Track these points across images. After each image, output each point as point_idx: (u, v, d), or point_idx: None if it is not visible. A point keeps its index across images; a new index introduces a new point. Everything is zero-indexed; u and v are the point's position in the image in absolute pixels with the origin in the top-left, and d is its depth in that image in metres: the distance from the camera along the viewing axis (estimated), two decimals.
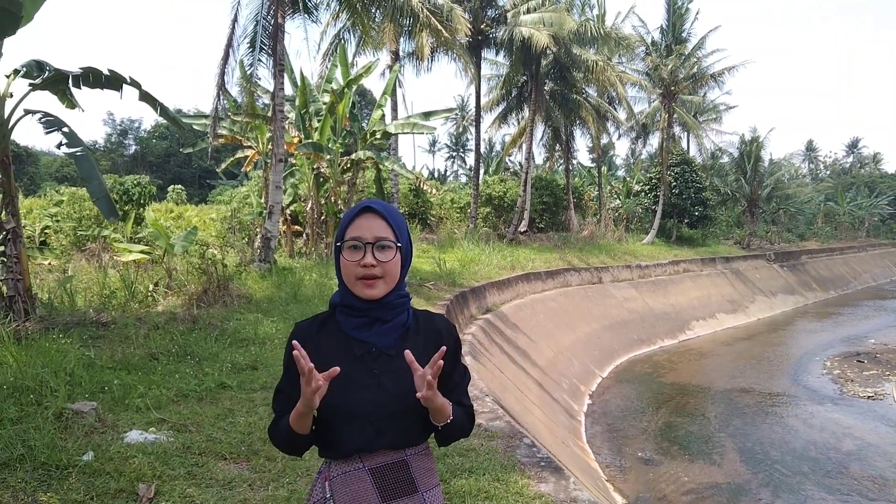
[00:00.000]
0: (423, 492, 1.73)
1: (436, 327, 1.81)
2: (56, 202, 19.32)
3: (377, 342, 1.72)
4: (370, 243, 1.68)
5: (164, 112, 8.64)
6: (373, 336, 1.72)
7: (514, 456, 4.83)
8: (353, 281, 1.70)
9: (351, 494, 1.69)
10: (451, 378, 1.79)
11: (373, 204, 1.73)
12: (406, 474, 1.72)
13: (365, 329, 1.73)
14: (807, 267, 36.39)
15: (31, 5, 7.72)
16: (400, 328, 1.75)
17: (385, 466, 1.71)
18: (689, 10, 31.18)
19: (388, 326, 1.73)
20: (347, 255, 1.69)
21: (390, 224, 1.72)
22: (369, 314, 1.72)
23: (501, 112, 27.96)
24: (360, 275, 1.68)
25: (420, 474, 1.74)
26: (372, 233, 1.69)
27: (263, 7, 13.08)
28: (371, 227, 1.69)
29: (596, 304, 19.29)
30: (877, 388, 15.06)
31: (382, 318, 1.73)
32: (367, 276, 1.68)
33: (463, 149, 67.26)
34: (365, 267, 1.67)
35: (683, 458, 10.72)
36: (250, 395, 5.84)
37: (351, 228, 1.70)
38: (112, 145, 56.91)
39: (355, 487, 1.69)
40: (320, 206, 16.25)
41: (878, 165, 76.13)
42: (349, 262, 1.69)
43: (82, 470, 3.91)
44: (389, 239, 1.70)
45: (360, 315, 1.73)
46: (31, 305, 7.59)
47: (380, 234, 1.69)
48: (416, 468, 1.74)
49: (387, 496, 1.69)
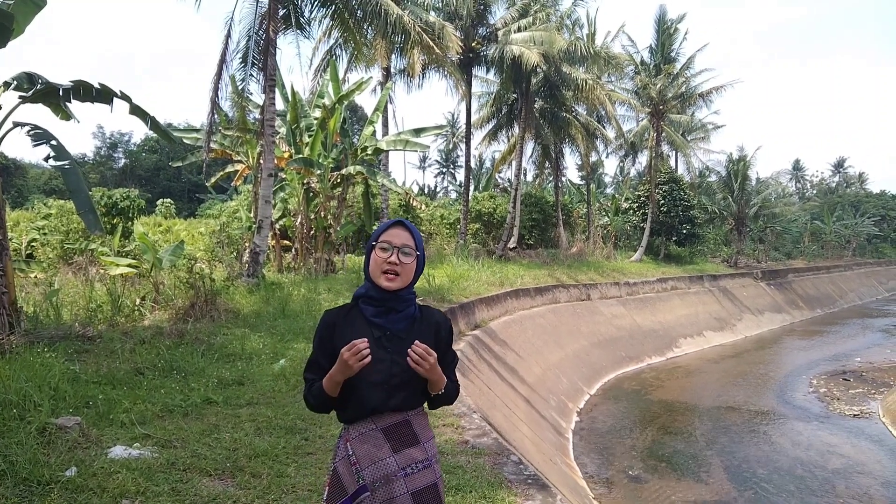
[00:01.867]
0: (423, 442, 2.24)
1: (435, 319, 2.33)
2: (44, 215, 19.20)
3: (391, 327, 2.22)
4: (397, 247, 2.20)
5: (155, 125, 8.64)
6: (388, 322, 2.22)
7: (501, 473, 4.82)
8: (379, 274, 2.20)
9: (368, 449, 2.16)
10: (444, 359, 2.29)
11: (404, 221, 2.28)
12: (409, 430, 2.23)
13: (382, 316, 2.22)
14: (794, 285, 36.64)
15: (23, 18, 7.74)
16: (409, 317, 2.25)
17: (393, 426, 2.20)
18: (678, 29, 31.53)
19: (399, 315, 2.23)
20: (379, 254, 2.20)
21: (414, 237, 2.25)
22: (386, 304, 2.22)
23: (492, 129, 28.13)
24: (385, 269, 2.19)
25: (420, 430, 2.25)
26: (400, 240, 2.21)
27: (256, 22, 13.16)
28: (400, 236, 2.22)
29: (584, 321, 19.32)
30: (863, 407, 15.13)
31: (396, 308, 2.23)
32: (390, 271, 2.18)
33: (453, 165, 67.39)
34: (390, 264, 2.18)
35: (671, 475, 10.71)
36: (236, 411, 5.81)
37: (385, 235, 2.22)
38: (101, 158, 56.65)
39: (371, 443, 2.17)
40: (310, 221, 16.23)
41: (863, 185, 77.01)
42: (379, 258, 2.20)
43: (65, 486, 3.87)
44: (412, 247, 2.22)
45: (379, 305, 2.22)
46: (16, 319, 7.53)
47: (406, 242, 2.21)
48: (416, 425, 2.25)
49: (397, 447, 2.18)
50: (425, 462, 2.22)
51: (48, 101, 8.02)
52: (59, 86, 7.78)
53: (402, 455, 2.17)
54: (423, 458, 2.22)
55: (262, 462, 4.61)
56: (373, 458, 2.15)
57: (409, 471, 2.17)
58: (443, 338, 2.31)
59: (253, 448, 4.84)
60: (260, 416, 5.66)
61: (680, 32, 31.57)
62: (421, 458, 2.21)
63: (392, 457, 2.16)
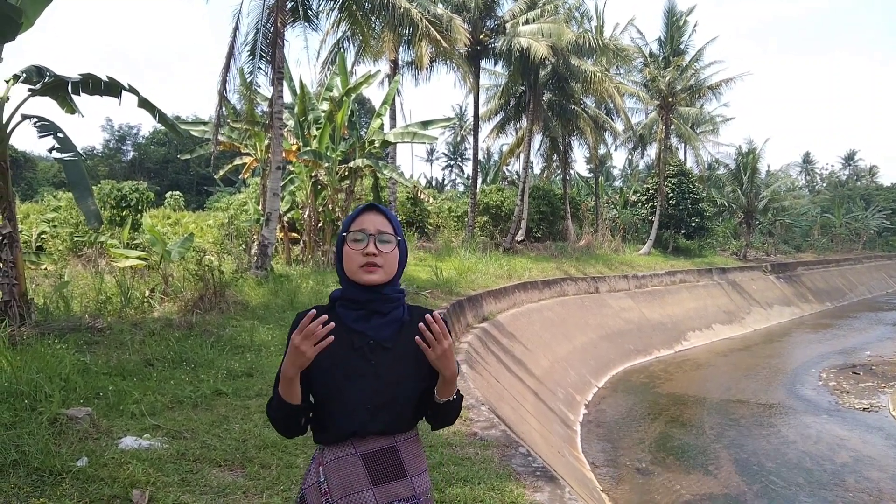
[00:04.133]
0: (411, 476, 1.85)
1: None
2: (53, 207, 19.31)
3: (375, 335, 1.83)
4: (372, 235, 1.82)
5: (163, 118, 8.65)
6: (371, 328, 1.84)
7: (509, 465, 4.82)
8: (356, 269, 1.82)
9: (343, 478, 1.80)
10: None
11: (375, 204, 1.89)
12: (396, 459, 1.84)
13: (363, 321, 1.84)
14: (803, 278, 36.46)
15: (32, 11, 7.75)
16: (396, 322, 1.87)
17: (376, 452, 1.82)
18: (688, 22, 31.37)
19: (385, 320, 1.85)
20: (352, 246, 1.83)
21: (390, 221, 1.87)
22: (368, 307, 1.84)
23: (499, 122, 28.06)
24: (362, 262, 1.81)
25: (409, 460, 1.86)
26: (375, 226, 1.83)
27: (264, 15, 13.15)
28: (374, 222, 1.84)
29: (592, 314, 19.28)
30: (872, 400, 15.06)
31: (380, 311, 1.85)
32: (368, 264, 1.81)
33: (461, 158, 67.29)
34: (367, 255, 1.81)
35: (679, 468, 10.70)
36: (245, 402, 5.83)
37: (355, 223, 1.85)
38: (110, 151, 56.87)
39: (348, 471, 1.80)
40: (318, 213, 16.25)
41: (874, 178, 76.41)
42: (353, 251, 1.82)
43: (76, 476, 3.90)
44: (390, 233, 1.85)
45: (360, 308, 1.84)
46: (26, 310, 7.57)
47: (382, 228, 1.84)
48: (405, 453, 1.86)
49: (377, 480, 1.80)
50: (412, 500, 1.83)
51: (56, 94, 8.03)
52: (68, 79, 7.78)
53: (383, 489, 1.80)
54: (408, 495, 1.83)
55: (271, 453, 4.63)
56: (347, 488, 1.79)
57: None
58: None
59: (262, 439, 4.86)
60: None
61: (689, 25, 31.46)
62: (406, 495, 1.83)
63: (371, 489, 1.79)
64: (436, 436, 5.30)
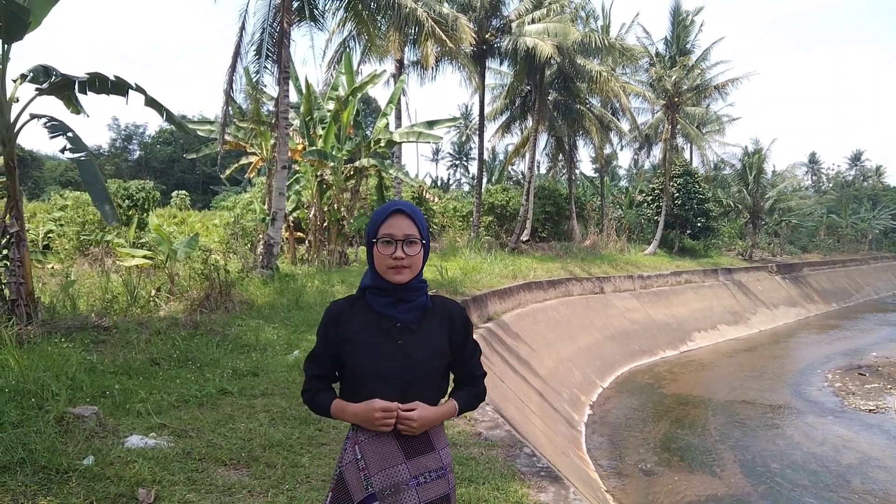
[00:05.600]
0: (438, 450, 2.10)
1: (449, 311, 2.17)
2: (60, 206, 19.38)
3: (402, 318, 2.07)
4: (400, 240, 2.03)
5: (170, 117, 8.67)
6: (398, 312, 2.07)
7: (514, 465, 4.82)
8: (385, 269, 2.05)
9: (379, 454, 2.02)
10: (464, 353, 2.18)
11: (402, 206, 2.09)
12: (424, 435, 2.07)
13: (391, 307, 2.07)
14: (809, 279, 36.34)
15: (40, 11, 7.79)
16: (420, 308, 2.10)
17: None
18: (694, 21, 31.28)
19: (410, 305, 2.08)
20: (381, 249, 2.04)
21: (416, 223, 2.07)
22: (395, 294, 2.07)
23: (505, 121, 28.04)
24: (391, 265, 2.03)
25: (435, 436, 2.11)
26: (402, 231, 2.04)
27: (270, 14, 13.17)
28: (401, 226, 2.04)
29: (597, 314, 19.26)
30: (878, 402, 15.01)
31: (406, 299, 2.08)
32: (397, 267, 2.03)
33: (466, 157, 67.31)
34: (396, 259, 2.02)
35: (684, 469, 10.68)
36: (251, 402, 5.84)
37: (384, 226, 2.05)
38: (116, 150, 57.11)
39: (382, 448, 2.02)
40: (323, 213, 16.27)
41: (880, 178, 76.14)
42: (383, 254, 2.04)
43: (82, 474, 3.91)
44: (416, 236, 2.05)
45: (388, 295, 2.08)
46: (33, 309, 7.61)
47: (408, 232, 2.04)
48: (431, 430, 2.09)
49: (409, 454, 2.04)
50: (439, 471, 2.08)
51: (62, 93, 8.05)
52: (75, 78, 7.81)
53: (415, 462, 2.03)
54: (436, 466, 2.07)
55: (276, 452, 4.64)
56: (383, 463, 2.01)
57: (421, 480, 2.04)
58: (458, 328, 2.15)
59: (268, 438, 4.87)
60: (274, 407, 5.69)
61: (696, 24, 31.38)
62: (434, 466, 2.07)
63: (404, 463, 2.02)
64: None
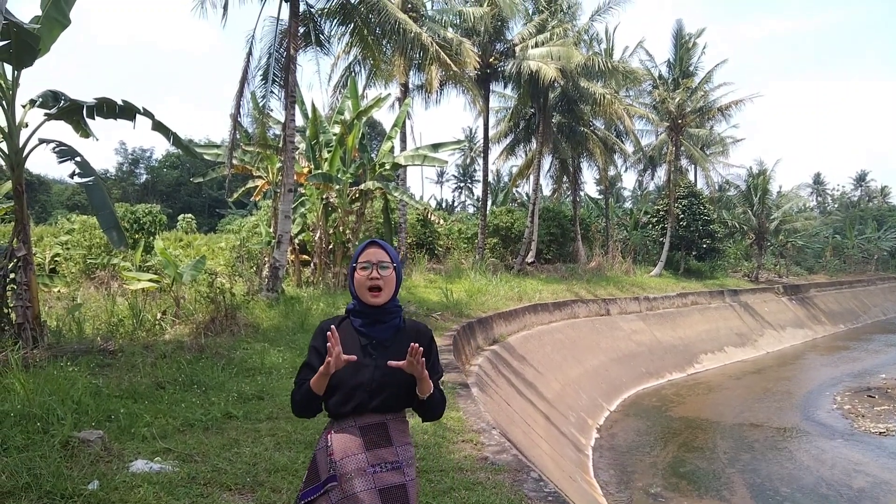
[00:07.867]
0: (396, 446, 2.42)
1: (418, 330, 2.55)
2: (67, 230, 19.46)
3: (378, 336, 2.47)
4: (375, 264, 2.45)
5: (177, 141, 8.75)
6: (374, 331, 2.47)
7: (521, 490, 4.77)
8: (364, 291, 2.44)
9: (344, 443, 2.37)
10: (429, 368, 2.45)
11: (376, 241, 2.54)
12: (384, 432, 2.41)
13: (369, 326, 2.48)
14: (816, 300, 36.15)
15: (48, 37, 7.90)
16: (394, 328, 2.51)
17: (370, 425, 2.40)
18: (697, 44, 31.47)
19: (385, 325, 2.49)
20: (360, 273, 2.45)
21: (388, 253, 2.50)
22: (373, 316, 2.48)
23: (509, 144, 28.20)
24: (368, 286, 2.43)
25: (395, 434, 2.43)
26: (377, 257, 2.47)
27: (276, 40, 13.33)
28: (376, 254, 2.48)
29: (603, 337, 19.18)
30: (888, 424, 14.85)
31: (382, 320, 2.49)
32: (373, 287, 2.43)
33: (470, 180, 67.49)
34: (372, 279, 2.43)
35: (692, 493, 10.56)
36: (256, 426, 5.82)
37: (362, 256, 2.48)
38: (123, 174, 57.48)
39: (348, 439, 2.37)
40: (328, 235, 16.31)
41: (886, 199, 75.95)
42: (361, 276, 2.44)
43: (87, 499, 3.89)
44: (387, 262, 2.48)
45: (367, 317, 2.48)
46: (39, 333, 7.63)
47: (381, 259, 2.47)
48: (392, 429, 2.43)
49: (369, 446, 2.37)
50: (395, 463, 2.39)
51: (70, 118, 8.14)
52: (83, 103, 7.90)
53: (373, 453, 2.36)
54: (392, 459, 2.39)
55: (281, 477, 4.61)
56: (346, 451, 2.35)
57: (377, 469, 2.35)
58: (424, 345, 2.40)
59: (273, 463, 4.84)
60: (280, 431, 5.66)
61: (698, 47, 31.55)
62: (391, 459, 2.39)
63: (364, 453, 2.35)
64: (446, 460, 5.27)
